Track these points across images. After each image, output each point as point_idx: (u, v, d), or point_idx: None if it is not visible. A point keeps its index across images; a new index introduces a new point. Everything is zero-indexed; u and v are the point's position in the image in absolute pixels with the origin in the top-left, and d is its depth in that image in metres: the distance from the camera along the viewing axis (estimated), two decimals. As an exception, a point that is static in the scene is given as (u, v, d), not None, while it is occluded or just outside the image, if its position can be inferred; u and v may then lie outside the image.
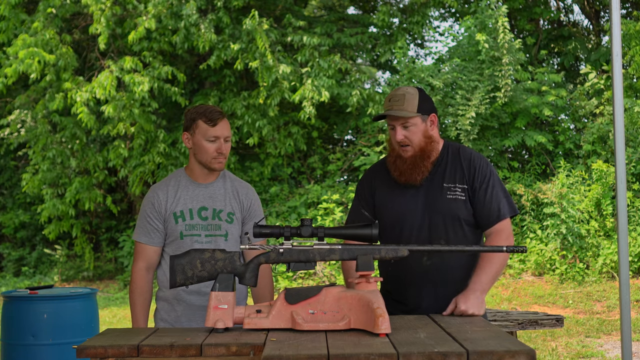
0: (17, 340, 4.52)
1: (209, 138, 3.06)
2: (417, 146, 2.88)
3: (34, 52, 10.78)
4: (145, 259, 3.13)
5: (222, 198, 3.16)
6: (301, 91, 11.38)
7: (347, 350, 2.06)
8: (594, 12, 14.36)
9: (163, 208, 3.11)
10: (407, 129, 2.87)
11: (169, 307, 3.15)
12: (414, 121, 2.87)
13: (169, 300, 3.14)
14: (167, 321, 3.14)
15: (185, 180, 3.17)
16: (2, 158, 15.06)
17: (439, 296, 2.85)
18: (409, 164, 2.88)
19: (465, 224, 2.90)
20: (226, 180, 3.21)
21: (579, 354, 6.62)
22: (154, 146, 11.93)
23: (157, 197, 3.13)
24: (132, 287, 3.14)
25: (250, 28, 11.10)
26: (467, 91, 11.47)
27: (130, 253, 12.67)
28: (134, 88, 11.02)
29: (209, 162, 3.09)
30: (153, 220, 3.12)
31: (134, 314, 3.13)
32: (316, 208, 11.87)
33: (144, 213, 3.14)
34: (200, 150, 3.09)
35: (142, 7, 11.30)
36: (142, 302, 3.13)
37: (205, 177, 3.16)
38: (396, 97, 2.87)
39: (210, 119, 3.05)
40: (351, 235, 2.49)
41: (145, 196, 3.19)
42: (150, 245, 3.13)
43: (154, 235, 3.12)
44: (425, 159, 2.89)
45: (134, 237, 3.19)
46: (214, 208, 3.13)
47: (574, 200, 10.32)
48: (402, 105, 2.85)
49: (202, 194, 3.14)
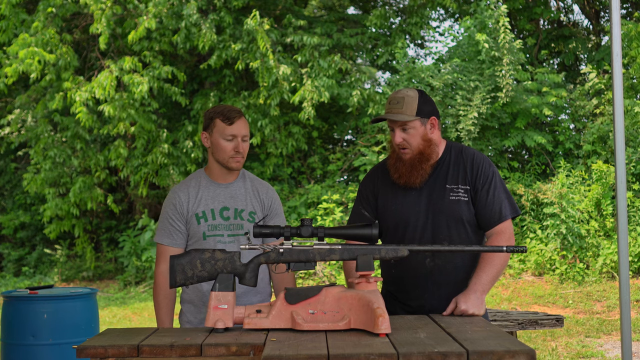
0: (17, 340, 4.52)
1: (226, 137, 3.06)
2: (416, 149, 2.88)
3: (34, 52, 10.78)
4: (167, 261, 3.10)
5: (243, 198, 3.15)
6: (301, 92, 11.38)
7: (347, 350, 2.06)
8: (594, 12, 14.36)
9: (185, 209, 3.10)
10: (406, 131, 2.87)
11: (194, 309, 3.15)
12: (413, 124, 2.87)
13: (195, 302, 3.14)
14: (193, 323, 3.14)
15: (205, 180, 3.16)
16: (2, 159, 15.06)
17: (442, 297, 2.85)
18: (408, 167, 2.89)
19: (468, 225, 2.90)
20: (246, 179, 3.21)
21: (579, 354, 6.62)
22: (156, 146, 11.93)
23: (179, 198, 3.12)
24: (156, 289, 3.13)
25: (251, 28, 11.10)
26: (468, 91, 11.47)
27: (130, 253, 12.68)
28: (133, 88, 11.02)
29: (226, 161, 3.09)
30: (175, 222, 3.11)
31: (159, 316, 3.13)
32: (316, 208, 11.87)
33: (165, 214, 3.14)
34: (217, 149, 3.09)
35: (143, 7, 11.30)
36: (167, 303, 3.13)
37: (225, 177, 3.16)
38: (395, 100, 2.88)
39: (228, 118, 3.06)
40: (351, 235, 2.49)
41: (166, 197, 3.19)
42: (172, 247, 3.12)
43: (176, 237, 3.12)
44: (424, 162, 2.89)
45: (155, 239, 3.18)
46: (235, 208, 3.13)
47: (574, 200, 10.32)
48: (401, 109, 2.85)
49: (223, 194, 3.14)
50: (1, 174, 15.27)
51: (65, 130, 12.41)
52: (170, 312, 3.14)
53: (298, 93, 11.41)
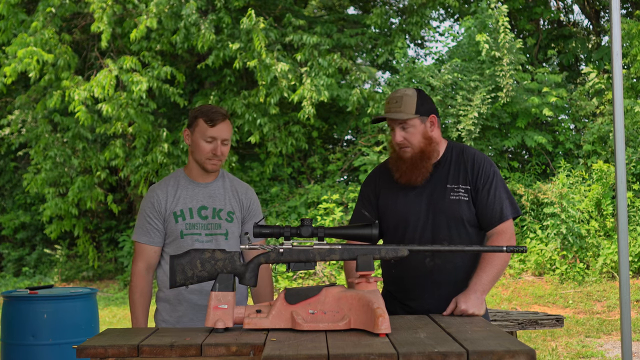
0: (17, 340, 4.52)
1: (206, 138, 3.06)
2: (417, 147, 2.88)
3: (32, 52, 10.78)
4: (145, 259, 3.12)
5: (222, 197, 3.16)
6: (300, 91, 11.37)
7: (347, 350, 2.06)
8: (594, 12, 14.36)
9: (163, 207, 3.11)
10: (406, 130, 2.88)
11: (170, 308, 3.14)
12: (413, 122, 2.87)
13: (170, 301, 3.14)
14: (168, 322, 3.13)
15: (184, 180, 3.17)
16: (2, 159, 15.06)
17: (442, 297, 2.85)
18: (409, 165, 2.89)
19: (469, 225, 2.90)
20: (225, 179, 3.22)
21: (579, 354, 6.62)
22: (156, 145, 11.93)
23: (157, 197, 3.12)
24: (132, 287, 3.13)
25: (248, 27, 11.10)
26: (468, 91, 11.47)
27: (130, 253, 12.67)
28: (132, 87, 11.02)
29: (203, 162, 3.10)
30: (153, 220, 3.11)
31: (134, 315, 3.12)
32: (316, 208, 11.87)
33: (143, 213, 3.14)
34: (196, 149, 3.10)
35: (143, 7, 11.30)
36: (143, 302, 3.12)
37: (204, 176, 3.17)
38: (394, 100, 2.89)
39: (210, 119, 3.05)
40: (351, 235, 2.50)
41: (144, 196, 3.19)
42: (150, 245, 3.12)
43: (153, 235, 3.12)
44: (425, 159, 2.89)
45: (133, 238, 3.18)
46: (213, 207, 3.13)
47: (574, 200, 10.32)
48: (400, 107, 2.86)
49: (202, 193, 3.14)
50: (1, 174, 15.27)
51: (65, 131, 12.41)
52: (145, 311, 3.13)
53: (297, 92, 11.41)
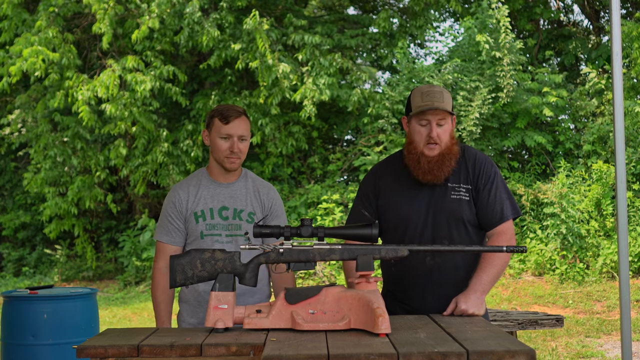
0: (17, 340, 4.52)
1: (222, 135, 3.06)
2: (445, 145, 2.86)
3: (37, 50, 10.78)
4: (166, 259, 3.11)
5: (244, 198, 3.14)
6: (302, 90, 11.37)
7: (347, 350, 2.06)
8: (594, 12, 14.36)
9: (184, 207, 3.10)
10: (442, 127, 2.86)
11: (190, 309, 3.14)
12: (448, 120, 2.87)
13: (190, 302, 3.14)
14: (190, 323, 3.14)
15: (206, 179, 3.16)
16: (3, 159, 15.06)
17: (442, 296, 2.85)
18: (436, 162, 2.85)
19: (469, 225, 2.90)
20: (247, 180, 3.19)
21: (579, 354, 6.62)
22: (156, 145, 11.93)
23: (178, 197, 3.12)
24: (154, 285, 3.13)
25: (250, 28, 11.10)
26: (469, 92, 11.46)
27: (130, 253, 12.69)
28: (135, 87, 11.02)
29: (221, 160, 3.09)
30: (174, 220, 3.11)
31: (157, 313, 3.12)
32: (316, 208, 11.87)
33: (165, 212, 3.14)
34: (214, 148, 3.10)
35: (145, 7, 11.30)
36: (166, 299, 3.12)
37: (225, 176, 3.15)
38: (434, 93, 2.84)
39: (224, 117, 3.05)
40: (351, 235, 2.49)
41: (166, 196, 3.19)
42: (171, 245, 3.12)
43: (175, 235, 3.12)
44: (451, 158, 2.87)
45: (155, 237, 3.18)
46: (234, 208, 3.12)
47: (574, 200, 10.32)
48: (442, 102, 2.83)
49: (223, 193, 3.13)
50: (1, 173, 15.27)
51: (65, 130, 12.40)
52: (169, 309, 3.14)
53: (299, 91, 11.40)
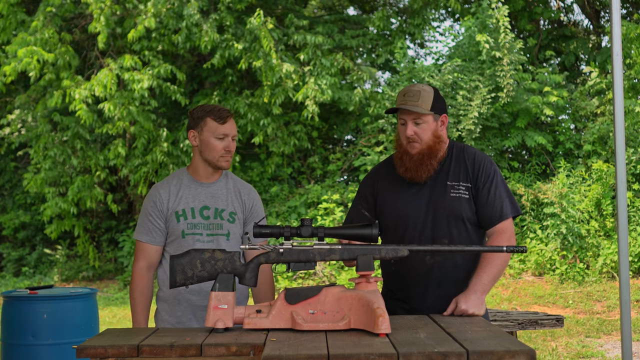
0: (17, 340, 4.52)
1: (218, 135, 3.08)
2: (425, 144, 2.88)
3: (32, 51, 10.78)
4: (146, 258, 3.12)
5: (225, 197, 3.16)
6: (304, 90, 11.37)
7: (347, 350, 2.06)
8: (594, 12, 14.36)
9: (165, 207, 3.11)
10: (419, 125, 2.88)
11: (169, 308, 3.14)
12: (426, 119, 2.87)
13: (169, 301, 3.13)
14: (168, 322, 3.13)
15: (187, 179, 3.17)
16: (2, 159, 15.06)
17: (442, 296, 2.85)
18: (416, 161, 2.89)
19: (469, 223, 2.90)
20: (228, 180, 3.21)
21: (579, 354, 6.62)
22: (156, 145, 11.92)
23: (159, 196, 3.12)
24: (133, 286, 3.13)
25: (254, 27, 11.08)
26: (468, 91, 11.47)
27: (130, 253, 12.67)
28: (133, 86, 11.01)
29: (216, 160, 3.10)
30: (155, 219, 3.11)
31: (134, 314, 3.11)
32: (316, 208, 11.87)
33: (145, 211, 3.14)
34: (207, 148, 3.10)
35: (143, 7, 11.30)
36: (143, 301, 3.12)
37: (209, 176, 3.16)
38: (411, 93, 2.87)
39: (220, 117, 3.08)
40: (351, 235, 2.49)
41: (146, 195, 3.19)
42: (151, 244, 3.12)
43: (155, 234, 3.12)
44: (432, 157, 2.89)
45: (134, 236, 3.18)
46: (215, 207, 3.13)
47: (574, 200, 10.32)
48: (417, 102, 2.86)
49: (204, 193, 3.14)
50: (1, 173, 15.27)
51: (65, 130, 12.40)
52: (146, 311, 3.13)
53: (301, 91, 11.40)
